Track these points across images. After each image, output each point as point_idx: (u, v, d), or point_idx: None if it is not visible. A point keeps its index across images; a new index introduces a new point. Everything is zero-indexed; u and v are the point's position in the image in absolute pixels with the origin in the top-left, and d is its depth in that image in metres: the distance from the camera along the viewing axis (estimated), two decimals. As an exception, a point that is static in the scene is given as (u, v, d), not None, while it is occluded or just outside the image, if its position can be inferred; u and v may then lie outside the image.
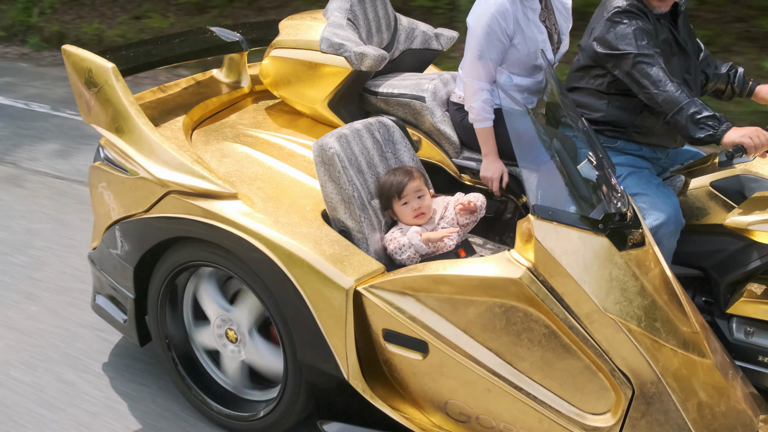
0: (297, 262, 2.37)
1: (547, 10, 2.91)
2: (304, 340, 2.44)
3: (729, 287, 2.63)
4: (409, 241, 2.47)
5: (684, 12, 2.78)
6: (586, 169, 2.38)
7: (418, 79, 3.18)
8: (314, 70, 3.10)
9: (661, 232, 2.56)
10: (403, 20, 3.51)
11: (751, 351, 2.59)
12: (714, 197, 2.67)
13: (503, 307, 2.16)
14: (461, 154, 3.09)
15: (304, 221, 2.49)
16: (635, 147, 2.77)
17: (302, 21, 3.26)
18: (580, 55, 2.75)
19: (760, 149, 2.37)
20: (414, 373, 2.36)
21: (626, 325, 2.07)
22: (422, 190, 2.57)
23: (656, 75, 2.49)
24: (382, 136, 2.72)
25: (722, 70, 2.96)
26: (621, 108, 2.71)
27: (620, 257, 2.12)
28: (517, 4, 2.75)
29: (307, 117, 3.27)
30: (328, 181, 2.48)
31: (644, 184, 2.65)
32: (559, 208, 2.11)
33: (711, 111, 2.44)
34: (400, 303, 2.29)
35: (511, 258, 2.13)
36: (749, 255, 2.57)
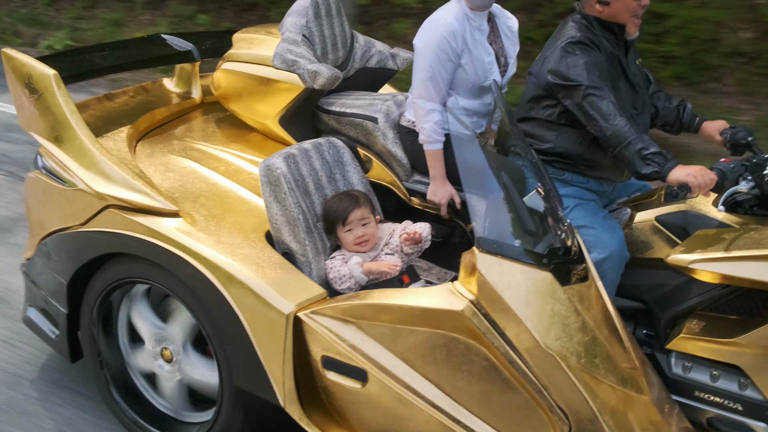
0: (237, 284, 2.31)
1: (495, 34, 2.92)
2: (240, 365, 2.37)
3: (669, 322, 2.65)
4: (350, 272, 2.42)
5: (633, 47, 2.81)
6: (534, 200, 2.38)
7: (371, 99, 3.15)
8: (266, 86, 3.05)
9: (606, 266, 2.56)
10: (359, 38, 3.48)
11: (687, 386, 2.60)
12: (658, 232, 2.70)
13: (444, 338, 2.13)
14: (411, 177, 3.07)
15: (247, 242, 2.43)
16: (582, 179, 2.78)
17: (256, 35, 3.21)
18: (531, 84, 2.76)
19: (704, 188, 2.39)
20: (352, 402, 2.32)
21: (566, 361, 2.06)
22: (367, 218, 2.53)
23: (606, 108, 2.51)
24: (332, 157, 2.67)
25: (672, 105, 3.00)
26: (570, 140, 2.72)
27: (563, 293, 2.12)
28: (465, 24, 2.75)
29: (258, 132, 3.21)
30: (274, 202, 2.42)
31: (590, 216, 2.66)
32: (503, 242, 2.10)
33: (658, 148, 2.46)
34: (340, 330, 2.24)
35: (455, 290, 2.11)
36: (690, 291, 2.59)
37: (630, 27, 2.67)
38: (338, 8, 3.33)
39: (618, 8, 2.64)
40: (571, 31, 2.65)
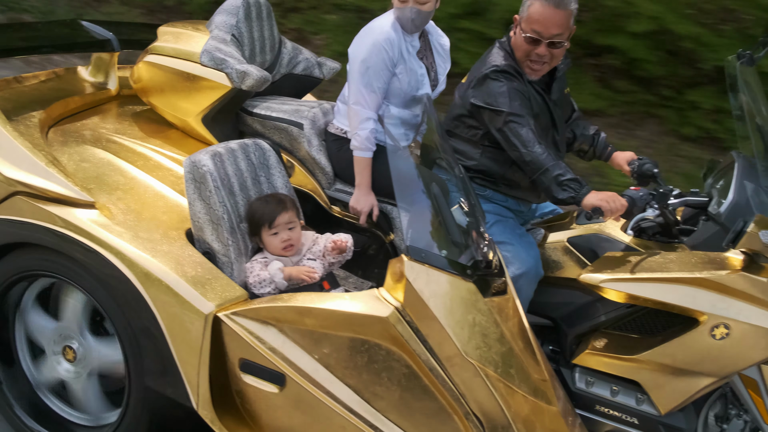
0: (154, 282, 2.23)
1: (427, 50, 2.99)
2: (153, 365, 2.29)
3: (575, 339, 2.77)
4: (271, 276, 2.40)
5: (561, 77, 2.93)
6: (458, 214, 2.45)
7: (298, 105, 3.14)
8: (191, 82, 2.98)
9: (521, 281, 2.65)
10: (287, 44, 3.47)
11: (590, 400, 2.73)
12: (569, 252, 2.82)
13: (366, 344, 2.15)
14: (334, 185, 3.07)
15: (167, 239, 2.36)
16: (502, 198, 2.87)
17: (184, 30, 3.14)
18: (458, 103, 2.83)
19: (615, 213, 2.53)
20: (268, 406, 2.28)
21: (484, 370, 2.12)
22: (294, 222, 2.52)
23: (526, 135, 2.60)
24: (258, 159, 2.64)
25: (589, 132, 3.15)
26: (492, 159, 2.80)
27: (484, 304, 2.18)
28: (401, 35, 2.81)
29: (178, 129, 3.12)
30: (198, 200, 2.37)
31: (509, 233, 2.75)
32: (431, 251, 2.14)
33: (573, 174, 2.58)
34: (261, 333, 2.21)
35: (380, 296, 2.13)
36: (596, 310, 2.72)
37: (525, 69, 2.72)
38: (269, 12, 3.31)
39: (517, 43, 2.71)
40: (496, 59, 2.74)
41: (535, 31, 2.63)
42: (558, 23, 2.61)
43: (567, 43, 2.69)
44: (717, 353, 2.46)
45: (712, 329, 2.43)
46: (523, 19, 2.66)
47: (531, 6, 2.63)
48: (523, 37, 2.66)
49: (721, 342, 2.44)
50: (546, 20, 2.60)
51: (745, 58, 2.62)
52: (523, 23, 2.66)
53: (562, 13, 2.60)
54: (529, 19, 2.64)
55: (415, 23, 2.82)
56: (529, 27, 2.64)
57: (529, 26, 2.64)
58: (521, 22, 2.67)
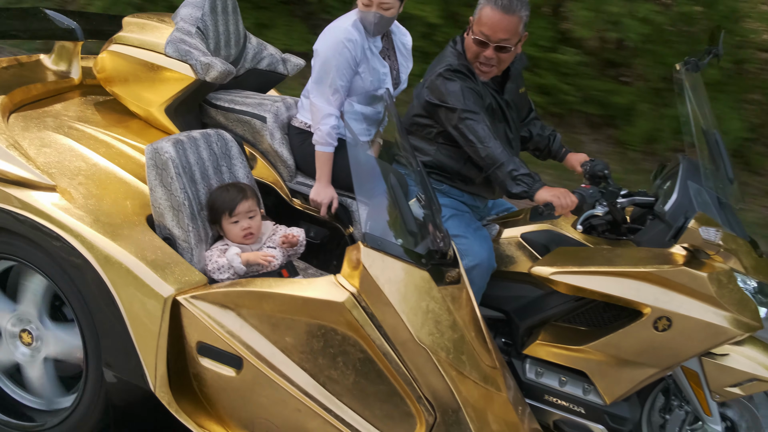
0: (114, 265, 2.26)
1: (390, 49, 3.06)
2: (111, 347, 2.32)
3: (526, 331, 2.86)
4: (229, 262, 2.44)
5: (516, 76, 3.03)
6: (416, 207, 2.52)
7: (261, 99, 3.18)
8: (155, 73, 3.00)
9: (474, 273, 2.74)
10: (252, 39, 3.51)
11: (539, 390, 2.83)
12: (522, 248, 2.91)
13: (323, 329, 2.20)
14: (295, 178, 3.12)
15: (128, 224, 2.38)
16: (458, 193, 2.96)
17: (149, 21, 3.15)
18: (415, 101, 2.91)
19: (566, 209, 2.63)
20: (225, 389, 2.32)
21: (436, 355, 2.19)
22: (254, 211, 2.57)
23: (481, 131, 2.70)
24: (220, 149, 2.69)
25: (545, 133, 3.26)
26: (448, 156, 2.89)
27: (437, 292, 2.25)
28: (363, 36, 2.88)
29: (140, 119, 3.14)
30: (159, 186, 2.40)
31: (464, 226, 2.84)
32: (387, 240, 2.20)
33: (527, 169, 2.68)
34: (219, 317, 2.25)
35: (337, 282, 2.19)
36: (546, 303, 2.82)
37: (475, 69, 2.82)
38: (234, 6, 3.35)
39: (467, 44, 2.82)
40: (450, 59, 2.83)
41: (483, 34, 2.72)
42: (505, 28, 2.71)
43: (516, 48, 2.79)
44: (659, 345, 2.58)
45: (655, 321, 2.55)
46: (475, 20, 2.76)
47: (482, 9, 2.74)
48: (473, 39, 2.75)
49: (663, 334, 2.55)
50: (494, 24, 2.70)
51: (690, 65, 2.75)
52: (475, 25, 2.76)
53: (510, 18, 2.70)
54: (479, 22, 2.74)
55: (377, 27, 2.88)
56: (479, 30, 2.74)
57: (478, 29, 2.74)
58: (473, 23, 2.77)
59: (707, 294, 2.51)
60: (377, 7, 2.81)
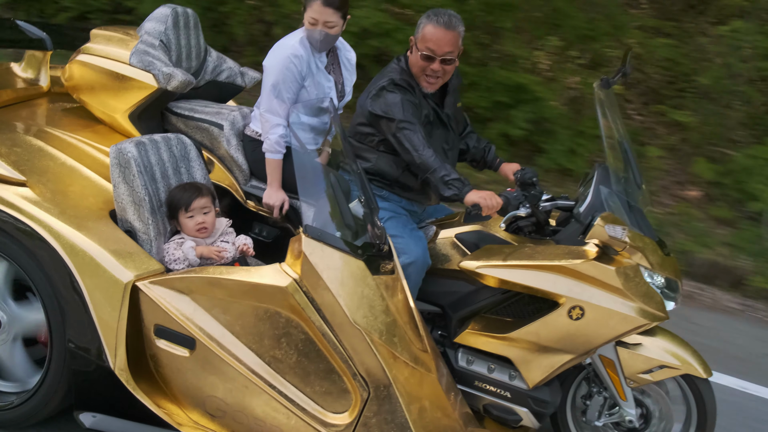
0: (79, 253, 2.48)
1: (335, 65, 3.34)
2: (75, 329, 2.53)
3: (458, 322, 3.13)
4: (184, 254, 2.68)
5: (454, 91, 3.33)
6: (356, 207, 2.79)
7: (219, 108, 3.44)
8: (120, 82, 3.24)
9: (410, 269, 3.01)
10: (212, 53, 3.77)
11: (470, 377, 3.09)
12: (456, 247, 3.19)
13: (268, 312, 2.45)
14: (249, 182, 3.37)
15: (92, 217, 2.61)
16: (397, 198, 3.23)
17: (115, 33, 3.39)
18: (359, 110, 3.19)
19: (492, 209, 2.92)
20: (179, 369, 2.55)
21: (370, 336, 2.45)
22: (208, 207, 2.81)
23: (416, 140, 2.98)
24: (179, 151, 2.93)
25: (480, 145, 3.56)
26: (388, 164, 3.16)
27: (372, 279, 2.52)
28: (309, 52, 3.15)
29: (105, 125, 3.37)
30: (122, 183, 2.63)
31: (401, 227, 3.11)
32: (327, 231, 2.47)
33: (458, 175, 2.96)
34: (175, 301, 2.48)
35: (282, 269, 2.44)
36: (477, 296, 3.09)
37: (422, 82, 3.12)
38: (196, 22, 3.61)
39: (412, 61, 3.11)
40: (392, 73, 3.12)
41: (429, 49, 3.02)
42: (449, 42, 3.02)
43: (457, 60, 3.10)
44: (574, 332, 2.87)
45: (570, 311, 2.84)
46: (418, 39, 3.05)
47: (424, 28, 3.03)
48: (420, 54, 3.04)
49: (577, 322, 2.85)
50: (438, 40, 3.01)
51: (603, 83, 3.08)
52: (419, 43, 3.05)
53: (451, 33, 3.01)
54: (423, 39, 3.03)
55: (322, 44, 3.15)
56: (424, 45, 3.03)
57: (424, 45, 3.03)
58: (417, 42, 3.07)
59: (615, 286, 2.81)
60: (322, 25, 3.09)
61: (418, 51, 3.05)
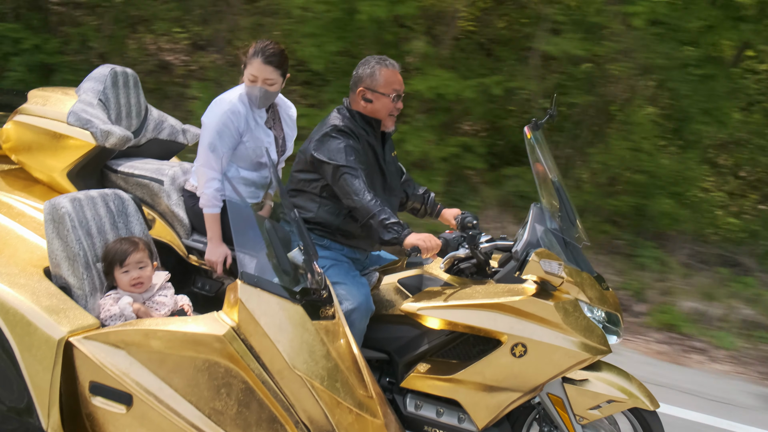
0: (9, 311, 2.43)
1: (275, 120, 3.39)
2: (5, 390, 2.45)
3: (405, 367, 3.12)
4: (121, 311, 2.64)
5: (390, 141, 3.40)
6: (295, 254, 2.79)
7: (159, 165, 3.45)
8: (57, 141, 3.24)
9: (354, 316, 3.00)
10: (153, 111, 3.80)
11: (419, 422, 3.07)
12: (399, 292, 3.21)
13: (207, 363, 2.41)
14: (191, 236, 3.36)
15: (24, 274, 2.57)
16: (339, 246, 3.25)
17: (53, 93, 3.41)
18: (300, 160, 3.23)
19: (432, 251, 2.95)
20: (116, 427, 2.48)
21: (311, 382, 2.42)
22: (144, 262, 2.77)
23: (358, 185, 3.02)
24: (116, 207, 2.91)
25: (419, 192, 3.62)
26: (329, 212, 3.19)
27: (311, 325, 2.51)
28: (248, 108, 3.19)
29: (44, 185, 3.35)
30: (56, 238, 2.60)
31: (343, 274, 3.12)
32: (263, 277, 2.46)
33: (397, 218, 3.00)
34: (110, 356, 2.43)
35: (218, 317, 2.42)
36: (422, 340, 3.10)
37: (386, 122, 3.25)
38: (135, 81, 3.65)
39: (378, 107, 3.21)
40: (335, 120, 3.19)
41: (396, 90, 3.18)
42: (402, 81, 3.22)
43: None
44: (518, 369, 2.88)
45: (512, 348, 2.86)
46: (379, 85, 3.15)
47: (380, 73, 3.16)
48: (389, 98, 3.16)
49: (521, 359, 2.87)
50: (399, 80, 3.21)
51: (532, 125, 3.18)
52: (381, 88, 3.15)
53: (399, 73, 3.21)
54: (386, 84, 3.16)
55: (262, 101, 3.19)
56: (391, 88, 3.16)
57: (390, 88, 3.16)
58: (376, 88, 3.16)
59: (555, 321, 2.85)
60: (262, 82, 3.14)
61: (384, 95, 3.16)
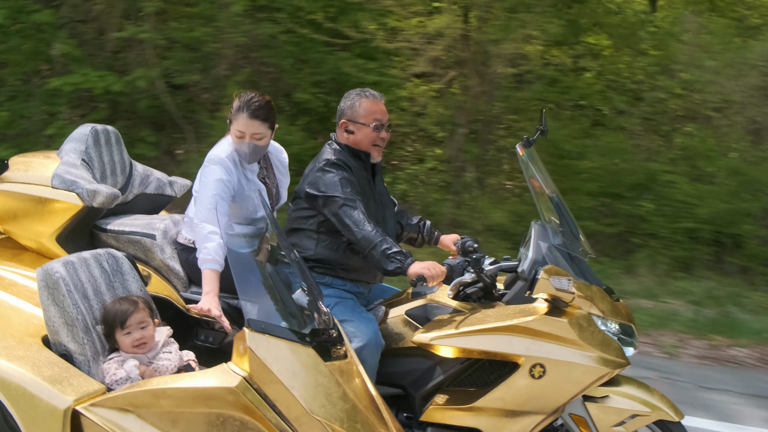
0: (11, 386, 2.33)
1: (268, 169, 3.33)
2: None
3: (422, 400, 3.03)
4: (127, 374, 2.54)
5: (380, 171, 3.37)
6: (299, 296, 2.73)
7: (149, 219, 3.37)
8: (43, 205, 3.16)
9: (365, 353, 2.92)
10: (138, 167, 3.73)
11: None
12: (408, 323, 3.14)
13: (221, 417, 2.32)
14: (189, 288, 3.28)
15: (22, 345, 2.47)
16: (341, 282, 3.18)
17: (34, 158, 3.35)
18: (295, 198, 3.18)
19: (437, 279, 2.89)
20: None
21: (330, 426, 2.33)
22: (146, 321, 2.68)
23: (357, 217, 2.97)
24: (111, 266, 2.83)
25: (413, 221, 3.57)
26: (328, 247, 3.13)
27: (325, 366, 2.43)
28: (238, 166, 3.11)
29: (33, 251, 3.26)
30: (52, 305, 2.52)
31: (349, 311, 3.04)
32: (271, 322, 2.39)
33: (399, 248, 2.95)
34: (120, 420, 2.33)
35: (228, 369, 2.33)
36: (437, 370, 3.02)
37: (372, 153, 3.21)
38: (117, 138, 3.59)
39: (360, 137, 3.18)
40: (327, 155, 3.15)
41: (377, 119, 3.15)
42: (386, 111, 3.20)
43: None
44: (539, 391, 2.81)
45: (531, 369, 2.79)
46: (359, 116, 3.14)
47: (361, 104, 3.15)
48: (371, 128, 3.14)
49: (540, 380, 2.80)
50: (380, 110, 3.18)
51: (524, 142, 3.16)
52: (361, 119, 3.14)
53: (383, 104, 3.19)
54: (366, 114, 3.14)
55: (252, 156, 3.12)
56: (372, 119, 3.14)
57: (371, 118, 3.14)
58: (356, 119, 3.14)
59: (571, 338, 2.79)
60: (250, 138, 3.07)
61: (365, 125, 3.14)
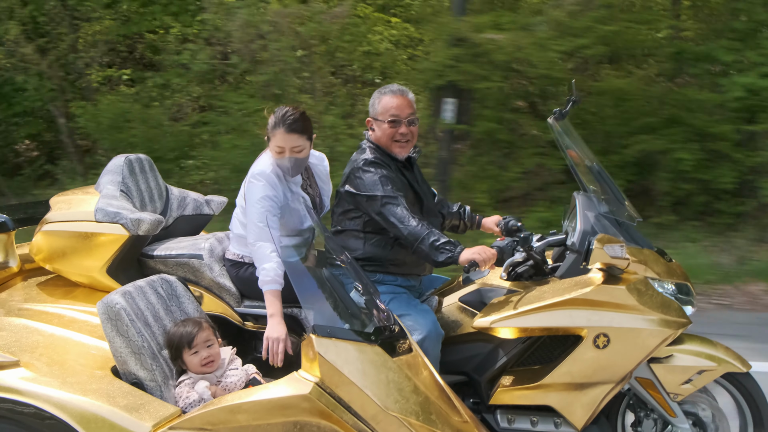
0: (91, 419, 2.37)
1: (310, 180, 3.34)
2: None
3: (488, 384, 3.04)
4: (200, 396, 2.57)
5: (416, 163, 3.36)
6: (356, 296, 2.74)
7: (193, 240, 3.40)
8: (89, 240, 3.20)
9: (426, 344, 2.93)
10: (174, 190, 3.77)
11: None
12: (463, 310, 3.14)
13: (298, 425, 2.34)
14: (242, 303, 3.30)
15: (94, 379, 2.51)
16: (392, 278, 3.19)
17: (74, 195, 3.39)
18: (339, 200, 3.19)
19: (489, 262, 2.89)
20: None
21: (407, 420, 2.34)
22: (211, 339, 2.71)
23: (401, 213, 2.97)
24: (165, 291, 2.86)
25: (454, 209, 3.57)
26: (376, 245, 3.14)
27: (393, 362, 2.44)
28: (282, 180, 3.11)
29: (85, 287, 3.30)
30: (116, 336, 2.55)
31: (405, 305, 3.05)
32: (335, 326, 2.40)
33: (447, 238, 2.94)
34: (200, 441, 2.36)
35: (300, 376, 2.35)
36: (499, 353, 3.02)
37: (394, 149, 3.17)
38: (150, 165, 3.63)
39: (379, 134, 3.17)
40: (364, 154, 3.15)
41: (393, 115, 3.12)
42: (407, 105, 3.15)
43: (418, 121, 3.20)
44: (605, 361, 2.80)
45: (595, 340, 2.78)
46: (378, 113, 3.14)
47: (380, 101, 3.14)
48: (387, 123, 3.12)
49: (606, 350, 2.79)
50: (398, 106, 3.13)
51: (557, 115, 3.14)
52: (380, 116, 3.14)
53: (406, 98, 3.15)
54: (384, 111, 3.13)
55: (294, 170, 3.11)
56: (388, 114, 3.12)
57: (387, 114, 3.12)
58: (377, 117, 3.14)
59: (631, 304, 2.77)
60: (290, 152, 3.06)
61: (382, 122, 3.13)
